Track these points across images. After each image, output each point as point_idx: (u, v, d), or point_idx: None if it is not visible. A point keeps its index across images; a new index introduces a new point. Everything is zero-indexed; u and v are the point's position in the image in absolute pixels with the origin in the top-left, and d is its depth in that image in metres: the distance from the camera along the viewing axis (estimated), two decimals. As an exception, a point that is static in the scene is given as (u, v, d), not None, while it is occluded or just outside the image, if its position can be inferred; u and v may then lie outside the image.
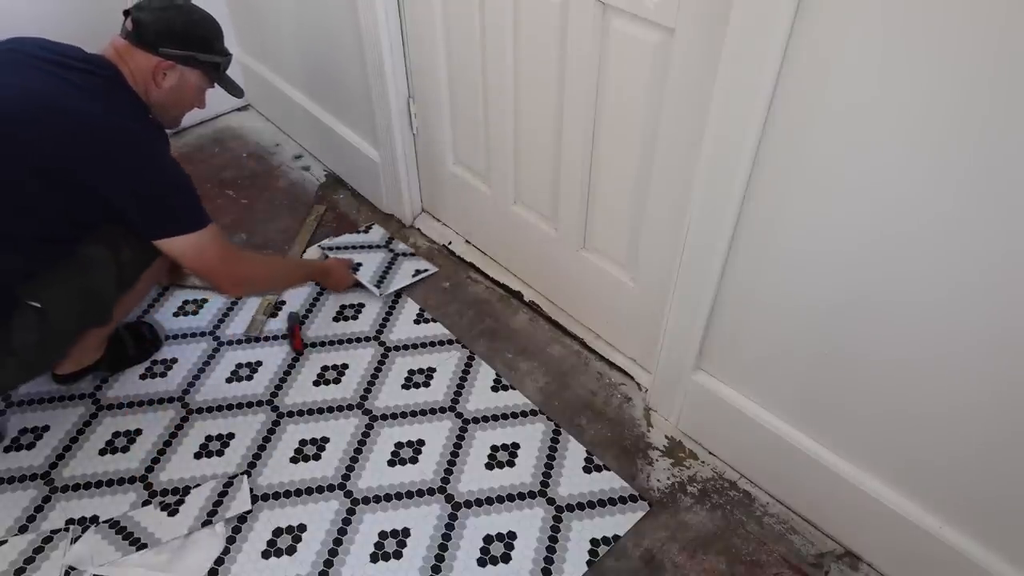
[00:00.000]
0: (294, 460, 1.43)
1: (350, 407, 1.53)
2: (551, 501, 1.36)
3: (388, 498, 1.36)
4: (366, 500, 1.36)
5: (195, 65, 1.33)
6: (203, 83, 1.39)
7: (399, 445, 1.45)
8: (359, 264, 1.83)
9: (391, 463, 1.42)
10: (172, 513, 1.33)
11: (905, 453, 1.11)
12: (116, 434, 1.47)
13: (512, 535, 1.30)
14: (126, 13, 1.29)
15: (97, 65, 1.24)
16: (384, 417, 1.51)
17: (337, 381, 1.58)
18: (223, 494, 1.36)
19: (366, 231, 1.99)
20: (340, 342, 1.67)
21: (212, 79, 1.40)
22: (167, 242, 1.25)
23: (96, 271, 1.26)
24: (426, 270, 1.85)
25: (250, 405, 1.53)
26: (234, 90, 1.46)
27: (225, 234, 1.36)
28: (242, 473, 1.40)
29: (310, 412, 1.52)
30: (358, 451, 1.44)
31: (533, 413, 1.51)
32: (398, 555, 1.28)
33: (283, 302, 1.76)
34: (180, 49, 1.29)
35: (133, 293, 1.46)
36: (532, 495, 1.36)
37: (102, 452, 1.44)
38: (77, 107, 1.15)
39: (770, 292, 1.16)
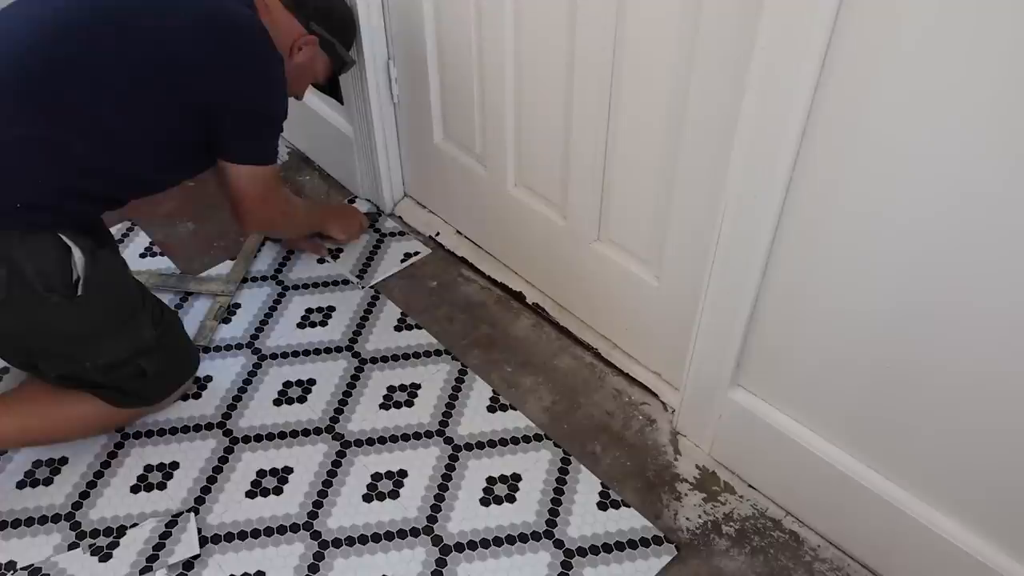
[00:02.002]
0: (251, 495, 1.42)
1: (317, 431, 1.52)
2: (559, 544, 1.35)
3: (363, 540, 1.36)
4: (337, 543, 1.36)
5: (329, 53, 1.56)
6: (322, 74, 1.60)
7: (376, 477, 1.45)
8: (374, 214, 1.97)
9: (367, 498, 1.42)
10: (104, 558, 1.32)
11: (989, 489, 1.10)
12: (37, 463, 1.46)
13: (512, 585, 1.30)
14: None
15: (247, 3, 1.41)
16: (358, 443, 1.50)
17: (302, 399, 1.58)
18: (165, 535, 1.36)
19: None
20: (306, 352, 1.66)
21: (331, 74, 1.62)
22: (235, 166, 1.42)
23: (134, 331, 1.39)
24: (416, 252, 1.89)
25: (197, 428, 1.52)
26: (340, 97, 1.74)
27: (280, 176, 1.56)
28: (188, 510, 1.39)
29: (270, 437, 1.51)
30: (327, 484, 1.44)
31: (537, 438, 1.51)
32: (375, 609, 1.27)
33: (238, 305, 1.75)
34: (328, 32, 1.53)
35: (65, 420, 1.43)
36: (537, 537, 1.36)
37: (20, 485, 1.43)
38: (234, 14, 1.35)
39: (822, 293, 1.15)
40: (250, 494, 1.42)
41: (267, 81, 1.39)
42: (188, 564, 1.32)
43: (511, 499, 1.42)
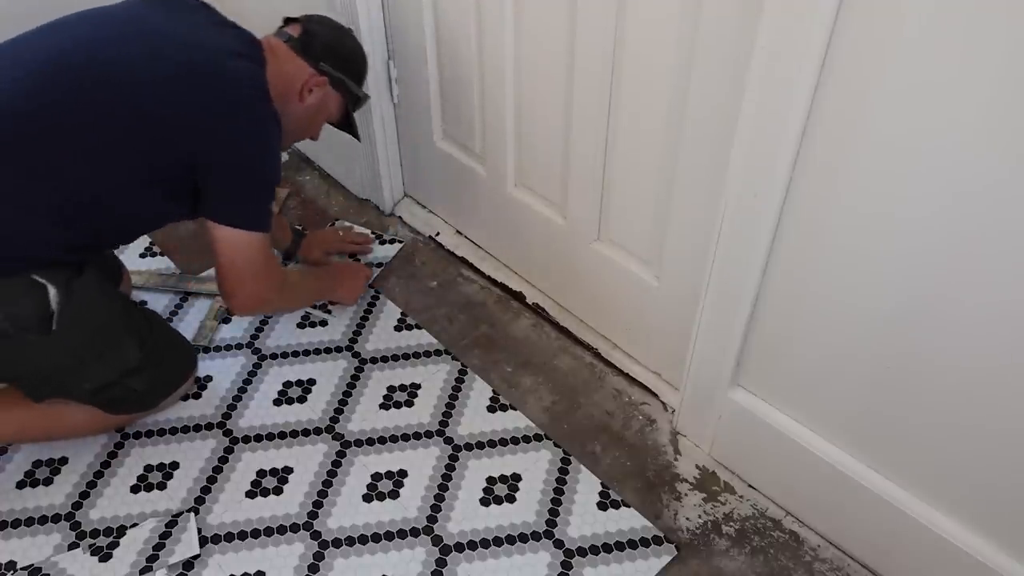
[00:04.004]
0: (251, 495, 1.42)
1: (317, 431, 1.52)
2: (559, 544, 1.35)
3: (364, 540, 1.36)
4: (337, 543, 1.35)
5: (342, 91, 1.49)
6: (335, 114, 1.53)
7: (376, 477, 1.45)
8: (378, 266, 1.86)
9: (367, 498, 1.42)
10: (104, 558, 1.32)
11: (989, 488, 1.10)
12: (37, 463, 1.46)
13: (512, 585, 1.30)
14: (289, 20, 1.47)
15: (251, 45, 1.37)
16: (358, 443, 1.50)
17: (302, 400, 1.57)
18: (165, 535, 1.36)
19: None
20: (306, 352, 1.66)
21: (345, 114, 1.54)
22: (222, 228, 1.33)
23: (121, 343, 1.38)
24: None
25: (198, 428, 1.52)
26: (357, 134, 1.59)
27: (270, 251, 1.43)
28: (188, 510, 1.39)
29: (269, 437, 1.51)
30: (327, 484, 1.44)
31: (537, 438, 1.51)
32: (375, 609, 1.27)
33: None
34: (338, 71, 1.47)
35: (63, 422, 1.44)
36: (537, 536, 1.36)
37: (20, 485, 1.43)
38: (226, 66, 1.29)
39: (822, 293, 1.15)
40: (250, 494, 1.42)
41: (257, 139, 1.31)
42: (188, 564, 1.32)
43: (511, 499, 1.41)
